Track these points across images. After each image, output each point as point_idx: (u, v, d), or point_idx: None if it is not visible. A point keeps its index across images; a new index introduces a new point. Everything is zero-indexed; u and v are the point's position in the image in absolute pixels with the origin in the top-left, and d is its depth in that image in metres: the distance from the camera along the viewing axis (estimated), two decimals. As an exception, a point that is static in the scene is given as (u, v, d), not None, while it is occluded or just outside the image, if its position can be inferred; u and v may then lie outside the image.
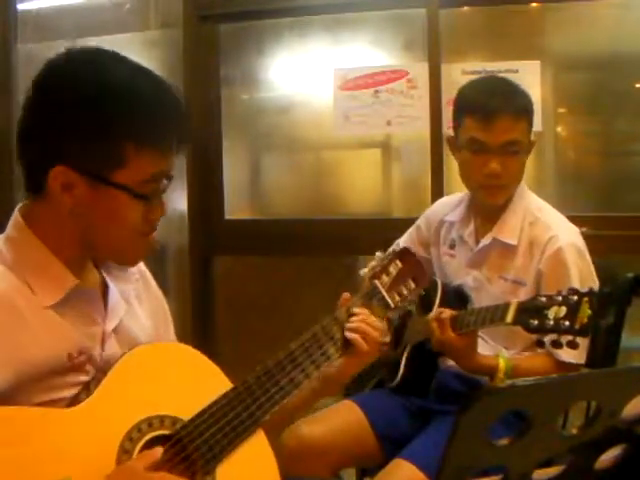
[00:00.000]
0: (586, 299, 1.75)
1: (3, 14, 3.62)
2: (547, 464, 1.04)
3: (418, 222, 2.47)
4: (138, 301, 1.51)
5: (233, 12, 3.52)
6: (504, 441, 0.97)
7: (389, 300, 1.69)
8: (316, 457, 2.08)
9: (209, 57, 3.55)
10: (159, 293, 1.61)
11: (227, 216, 3.60)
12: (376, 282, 1.69)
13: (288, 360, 1.51)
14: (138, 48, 3.61)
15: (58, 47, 1.40)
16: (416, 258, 1.79)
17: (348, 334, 1.58)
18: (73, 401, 1.30)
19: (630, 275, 2.12)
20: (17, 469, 1.19)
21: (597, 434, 1.01)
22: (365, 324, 1.59)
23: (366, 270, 1.81)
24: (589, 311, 1.73)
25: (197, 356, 1.45)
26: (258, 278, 3.65)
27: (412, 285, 1.74)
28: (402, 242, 2.49)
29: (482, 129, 2.08)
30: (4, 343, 1.24)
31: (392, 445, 2.17)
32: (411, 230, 2.48)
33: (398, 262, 1.75)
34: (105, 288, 1.44)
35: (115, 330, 1.42)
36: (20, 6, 3.69)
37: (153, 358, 1.39)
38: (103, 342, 1.39)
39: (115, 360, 1.35)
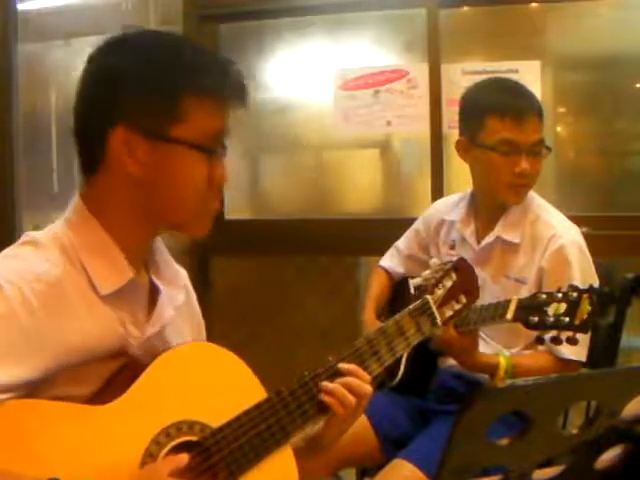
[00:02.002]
0: (586, 296, 1.75)
1: (3, 14, 3.62)
2: (547, 464, 1.04)
3: (416, 225, 2.47)
4: (179, 312, 1.47)
5: (233, 12, 3.52)
6: (504, 441, 0.97)
7: (438, 318, 1.59)
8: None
9: (209, 57, 3.55)
10: (199, 312, 1.58)
11: (227, 216, 3.60)
12: (428, 297, 1.60)
13: (326, 374, 1.43)
14: (138, 48, 3.60)
15: (58, 47, 1.41)
16: (472, 270, 1.71)
17: (322, 396, 1.42)
18: (96, 398, 1.28)
19: (630, 275, 2.13)
20: (40, 464, 1.18)
21: (597, 434, 1.01)
22: (345, 388, 1.43)
23: (419, 280, 1.71)
24: (589, 307, 1.74)
25: (234, 361, 1.40)
26: (258, 278, 3.65)
27: (464, 299, 1.66)
28: (400, 245, 2.49)
29: (514, 129, 2.09)
30: (49, 325, 1.22)
31: (392, 445, 2.17)
32: (409, 234, 2.48)
33: (453, 274, 1.67)
34: (152, 291, 1.41)
35: (156, 335, 1.38)
36: (20, 6, 3.69)
37: (189, 359, 1.35)
38: (140, 343, 1.36)
39: (147, 364, 1.32)
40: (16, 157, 3.62)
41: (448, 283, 1.65)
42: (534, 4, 3.23)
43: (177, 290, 1.46)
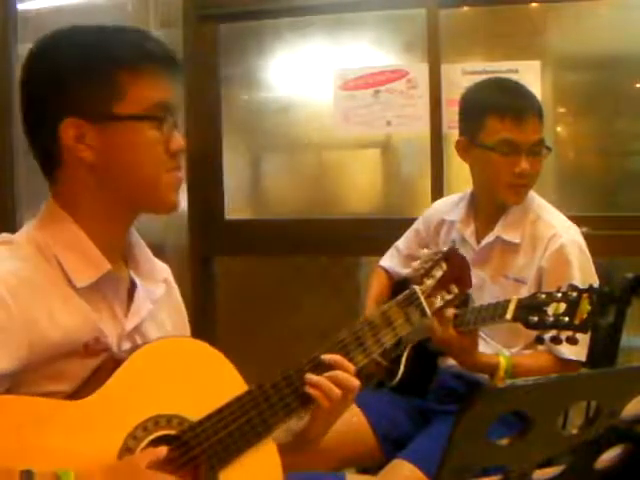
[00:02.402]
0: (585, 295, 1.76)
1: (3, 14, 3.62)
2: (547, 464, 1.04)
3: (416, 225, 2.47)
4: (159, 305, 1.47)
5: (233, 12, 3.52)
6: (504, 441, 0.97)
7: (426, 308, 1.56)
8: (315, 457, 2.08)
9: (209, 57, 3.55)
10: (182, 306, 1.57)
11: (227, 216, 3.60)
12: (415, 288, 1.56)
13: (309, 366, 1.42)
14: (138, 48, 3.60)
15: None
16: (464, 260, 1.68)
17: (307, 388, 1.40)
18: (75, 394, 1.28)
19: (630, 275, 2.13)
20: (16, 458, 1.18)
21: (597, 434, 1.01)
22: (331, 381, 1.40)
23: (408, 270, 1.69)
24: (589, 307, 1.74)
25: (214, 354, 1.40)
26: (258, 278, 3.65)
27: (455, 289, 1.62)
28: (400, 245, 2.49)
29: (514, 130, 2.10)
30: (22, 318, 1.23)
31: (392, 445, 2.17)
32: (409, 234, 2.48)
33: (443, 264, 1.63)
34: (131, 287, 1.41)
35: (134, 330, 1.39)
36: (20, 6, 3.69)
37: (168, 353, 1.35)
38: (120, 339, 1.36)
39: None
40: (16, 157, 3.62)
41: (438, 273, 1.62)
42: (534, 4, 3.23)
43: (155, 284, 1.46)
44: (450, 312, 1.99)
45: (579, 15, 3.20)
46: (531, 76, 3.06)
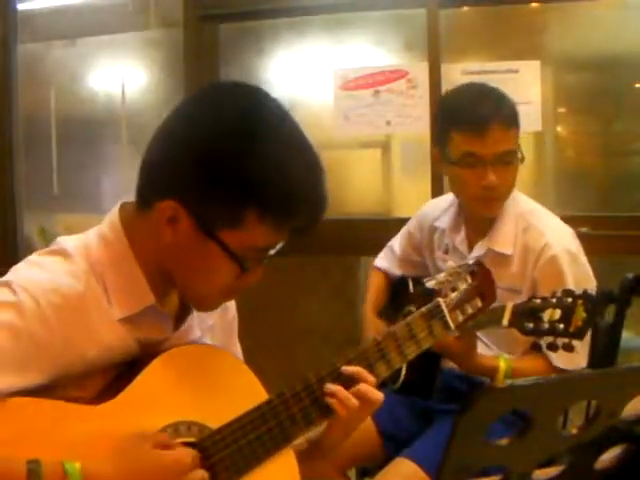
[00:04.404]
0: (580, 302, 1.73)
1: (3, 14, 3.62)
2: (547, 464, 1.04)
3: (409, 227, 2.45)
4: (211, 334, 1.46)
5: (233, 12, 3.52)
6: (504, 441, 0.97)
7: (450, 321, 1.52)
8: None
9: (209, 57, 3.55)
10: (233, 325, 1.57)
11: (227, 216, 3.60)
12: (440, 300, 1.53)
13: (331, 377, 1.39)
14: (138, 48, 3.61)
15: (58, 47, 1.40)
16: (489, 273, 1.62)
17: (326, 398, 1.39)
18: (96, 399, 1.28)
19: (630, 275, 2.12)
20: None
21: (597, 434, 1.01)
22: (351, 393, 1.39)
23: (433, 282, 1.63)
24: (584, 314, 1.71)
25: (235, 362, 1.40)
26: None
27: (479, 303, 1.58)
28: (395, 247, 2.48)
29: (474, 142, 2.03)
30: (62, 336, 1.23)
31: (394, 444, 2.17)
32: (402, 236, 2.46)
33: (468, 277, 1.59)
34: (183, 311, 1.40)
35: None
36: (20, 6, 3.69)
37: (188, 360, 1.34)
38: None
39: None
40: (16, 157, 3.62)
41: (463, 286, 1.58)
42: (534, 4, 3.23)
43: (209, 314, 1.45)
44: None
45: (579, 15, 3.20)
46: (531, 76, 3.07)
